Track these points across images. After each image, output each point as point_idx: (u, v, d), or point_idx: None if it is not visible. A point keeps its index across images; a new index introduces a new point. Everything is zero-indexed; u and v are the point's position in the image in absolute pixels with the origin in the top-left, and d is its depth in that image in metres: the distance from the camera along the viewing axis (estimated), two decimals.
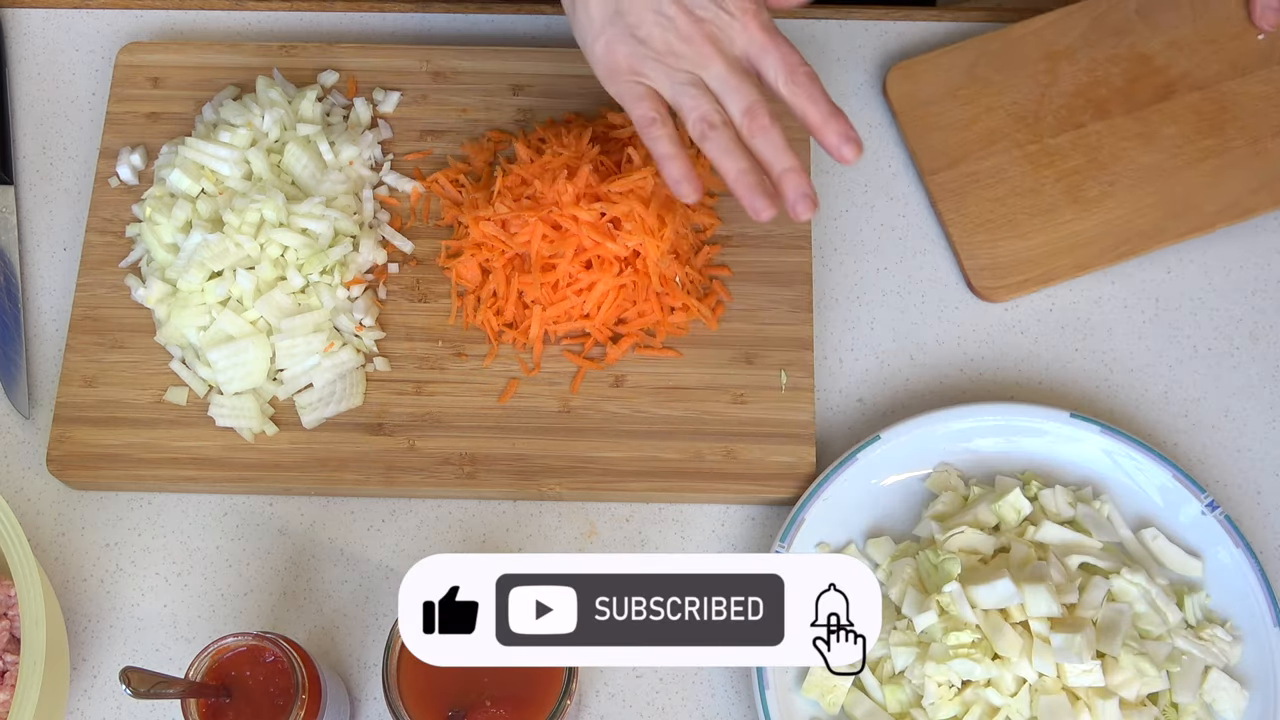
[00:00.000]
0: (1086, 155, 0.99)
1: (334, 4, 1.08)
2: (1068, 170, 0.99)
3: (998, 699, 0.82)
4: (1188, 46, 1.01)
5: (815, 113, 0.82)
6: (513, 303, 0.93)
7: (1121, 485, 0.91)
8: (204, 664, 0.76)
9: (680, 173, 0.83)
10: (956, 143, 1.00)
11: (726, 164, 0.82)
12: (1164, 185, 0.98)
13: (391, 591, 0.91)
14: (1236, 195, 0.97)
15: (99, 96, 1.05)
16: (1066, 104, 1.00)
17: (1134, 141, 0.99)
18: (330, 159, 0.97)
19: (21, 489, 0.94)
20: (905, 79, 1.02)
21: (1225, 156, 0.98)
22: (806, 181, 0.82)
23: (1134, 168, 0.98)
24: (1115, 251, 0.97)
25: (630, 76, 0.84)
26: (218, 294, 0.92)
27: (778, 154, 0.82)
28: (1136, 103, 1.00)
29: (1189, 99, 1.00)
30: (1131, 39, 1.02)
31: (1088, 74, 1.01)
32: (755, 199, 0.82)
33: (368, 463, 0.92)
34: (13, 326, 0.97)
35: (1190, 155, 0.98)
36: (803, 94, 0.82)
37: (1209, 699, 0.85)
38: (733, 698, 0.88)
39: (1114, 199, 0.98)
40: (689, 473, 0.91)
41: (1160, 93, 1.00)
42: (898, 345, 0.97)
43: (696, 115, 0.82)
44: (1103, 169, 0.98)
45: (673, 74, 0.82)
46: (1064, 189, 0.98)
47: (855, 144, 0.82)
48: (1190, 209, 0.97)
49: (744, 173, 0.82)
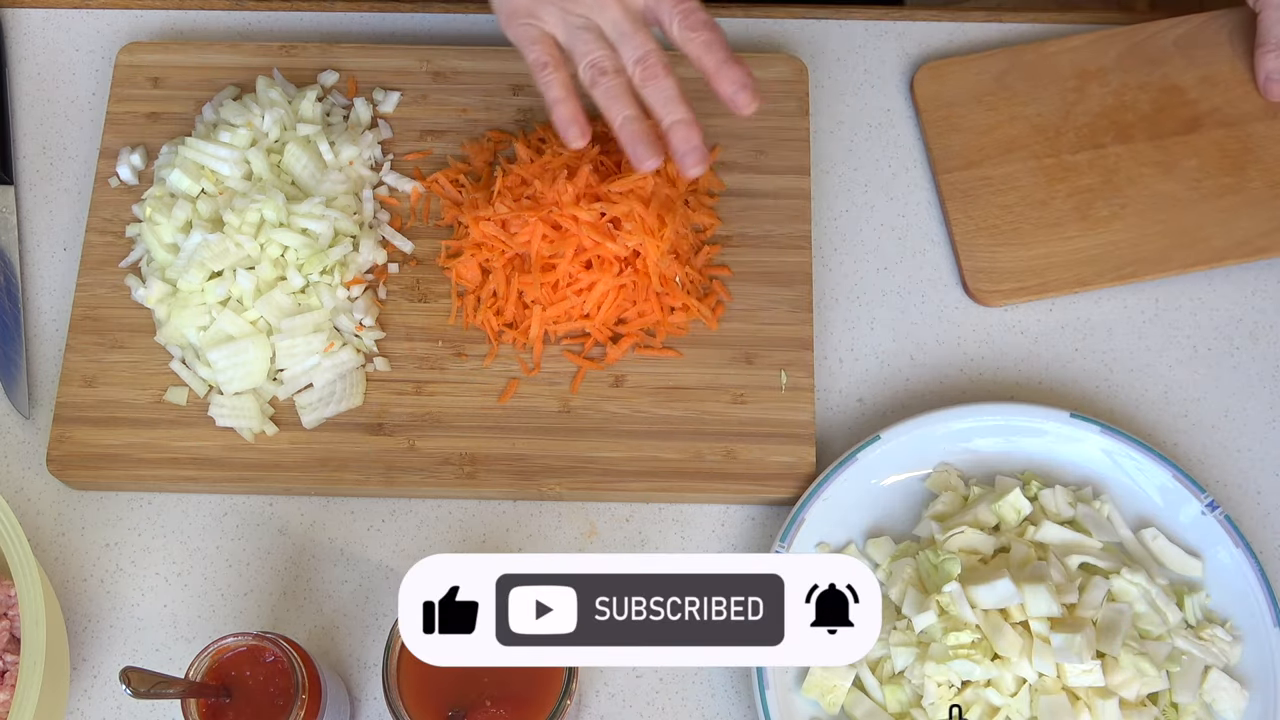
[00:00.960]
0: (1102, 176, 0.99)
1: (334, 4, 1.08)
2: (1081, 188, 0.99)
3: (998, 699, 0.82)
4: (1222, 84, 1.01)
5: (710, 60, 0.82)
6: (513, 303, 0.93)
7: (1121, 485, 0.91)
8: (204, 664, 0.76)
9: (568, 116, 0.83)
10: (975, 146, 1.00)
11: (613, 110, 0.82)
12: (1176, 215, 0.98)
13: (391, 591, 0.91)
14: (1248, 235, 0.97)
15: (99, 96, 1.05)
16: (1090, 123, 1.00)
17: (1152, 169, 0.99)
18: (330, 159, 0.97)
19: (21, 489, 0.94)
20: (934, 78, 1.03)
21: (1242, 195, 0.98)
22: (696, 135, 0.81)
23: (1148, 194, 0.98)
24: (1116, 273, 0.96)
25: (527, 19, 0.84)
26: (218, 294, 0.92)
27: (668, 105, 0.82)
28: (1160, 131, 1.00)
29: (1214, 135, 1.00)
30: (1165, 69, 1.02)
31: (1116, 97, 1.01)
32: (637, 147, 0.82)
33: (368, 463, 0.92)
34: (13, 326, 0.97)
35: (1207, 190, 0.98)
36: (698, 40, 0.82)
37: (1209, 699, 0.85)
38: (733, 698, 0.88)
39: (1123, 221, 0.98)
40: (689, 473, 0.91)
41: (1186, 125, 1.00)
42: (898, 345, 0.97)
43: (588, 60, 0.82)
44: (1117, 191, 0.98)
45: (568, 18, 0.82)
46: (1074, 205, 0.98)
47: (750, 92, 0.82)
48: (1198, 241, 0.97)
49: (629, 120, 0.82)
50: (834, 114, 1.04)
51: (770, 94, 1.00)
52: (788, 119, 1.00)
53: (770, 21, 1.06)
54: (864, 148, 1.03)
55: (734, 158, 0.99)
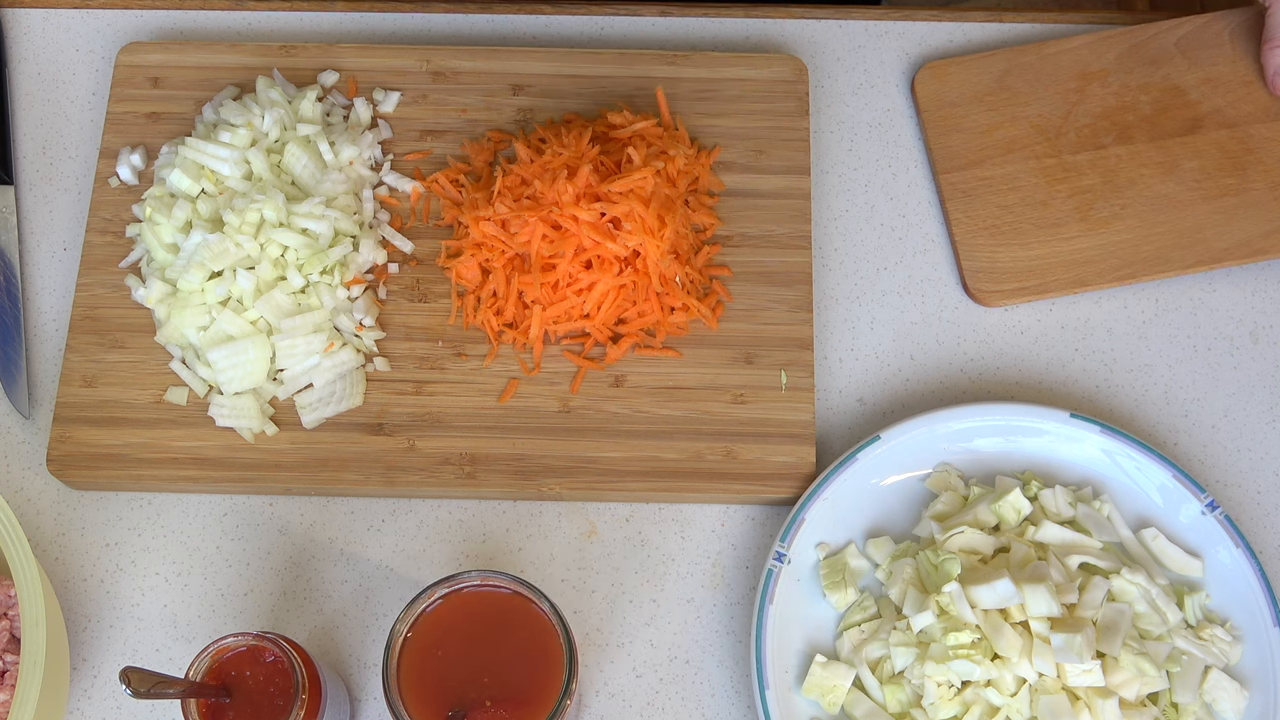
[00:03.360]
0: (1103, 176, 0.99)
1: (334, 4, 1.08)
2: (1081, 188, 0.99)
3: (998, 699, 0.82)
4: (1223, 85, 1.01)
5: None
6: (513, 303, 0.93)
7: (1121, 485, 0.91)
8: (204, 664, 0.76)
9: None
10: (976, 146, 1.00)
11: None
12: (1176, 216, 0.98)
13: (392, 591, 0.91)
14: (1248, 236, 0.97)
15: (99, 96, 1.05)
16: (1091, 124, 1.00)
17: (1153, 169, 0.99)
18: (330, 159, 0.97)
19: (21, 489, 0.94)
20: (935, 78, 1.02)
21: (1243, 196, 0.98)
22: None
23: (1148, 195, 0.98)
24: (1116, 274, 0.96)
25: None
26: (218, 294, 0.92)
27: None
28: (1161, 132, 1.00)
29: (1215, 135, 1.00)
30: (1166, 70, 1.02)
31: (1117, 98, 1.01)
32: None
33: (368, 463, 0.92)
34: (13, 326, 0.97)
35: (1208, 191, 0.98)
36: None
37: (1209, 699, 0.85)
38: (733, 698, 0.88)
39: (1123, 222, 0.98)
40: (689, 473, 0.91)
41: (1187, 126, 1.00)
42: (898, 345, 0.97)
43: None
44: (1117, 192, 0.98)
45: None
46: (1075, 206, 0.98)
47: None
48: (1198, 243, 0.97)
49: None
50: (834, 114, 1.04)
51: (770, 94, 1.00)
52: (788, 119, 1.00)
53: (770, 21, 1.06)
54: (864, 148, 1.03)
55: (734, 158, 0.99)
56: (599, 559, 0.91)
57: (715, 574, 0.91)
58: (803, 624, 0.88)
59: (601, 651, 0.89)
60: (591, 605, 0.90)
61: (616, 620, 0.90)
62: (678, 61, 1.01)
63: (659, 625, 0.90)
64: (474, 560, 0.91)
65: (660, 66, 1.01)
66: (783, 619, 0.87)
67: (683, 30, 1.06)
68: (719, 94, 1.01)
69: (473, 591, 0.77)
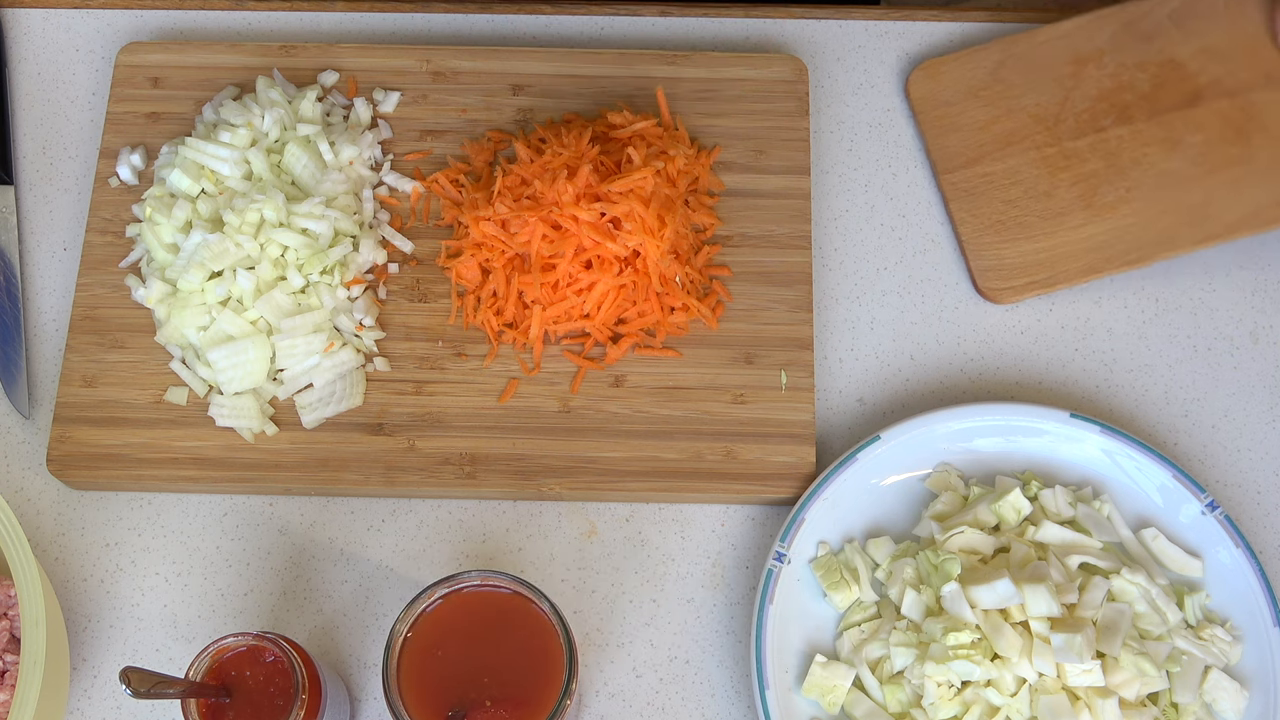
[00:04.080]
0: (1105, 160, 0.98)
1: (334, 4, 1.08)
2: (1085, 174, 0.98)
3: (998, 699, 0.82)
4: (1220, 53, 0.99)
5: None
6: (513, 303, 0.93)
7: (1121, 485, 0.91)
8: (204, 664, 0.76)
9: None
10: (975, 143, 1.00)
11: None
12: (1182, 192, 0.96)
13: (392, 591, 0.91)
14: (1258, 205, 0.95)
15: (99, 96, 1.05)
16: (1089, 107, 0.99)
17: (1156, 147, 0.98)
18: (330, 159, 0.97)
19: (21, 489, 0.94)
20: (928, 78, 1.02)
21: (1249, 165, 0.96)
22: None
23: (1153, 174, 0.97)
24: (1125, 258, 0.96)
25: None
26: (218, 294, 0.92)
27: None
28: (1161, 108, 0.98)
29: (1216, 106, 0.98)
30: (1161, 43, 1.00)
31: (1113, 79, 1.00)
32: None
33: (368, 463, 0.92)
34: (13, 326, 0.97)
35: (1213, 163, 0.96)
36: None
37: (1209, 699, 0.85)
38: (733, 698, 0.88)
39: (1129, 205, 0.97)
40: (689, 473, 0.91)
41: (1187, 99, 0.98)
42: (898, 345, 0.97)
43: None
44: (1121, 174, 0.97)
45: None
46: (1079, 193, 0.97)
47: None
48: (1207, 218, 0.95)
49: None
50: (834, 114, 1.04)
51: (770, 94, 1.00)
52: (788, 119, 1.00)
53: (770, 21, 1.06)
54: (864, 148, 1.03)
55: (734, 158, 0.99)
56: (599, 559, 0.91)
57: (715, 574, 0.91)
58: (803, 624, 0.88)
59: (601, 651, 0.89)
60: (591, 605, 0.90)
61: (616, 620, 0.90)
62: (678, 61, 1.01)
63: (659, 625, 0.90)
64: (474, 560, 0.91)
65: (660, 66, 1.01)
66: (783, 619, 0.87)
67: (683, 30, 1.06)
68: (719, 94, 1.01)
69: (473, 591, 0.77)
